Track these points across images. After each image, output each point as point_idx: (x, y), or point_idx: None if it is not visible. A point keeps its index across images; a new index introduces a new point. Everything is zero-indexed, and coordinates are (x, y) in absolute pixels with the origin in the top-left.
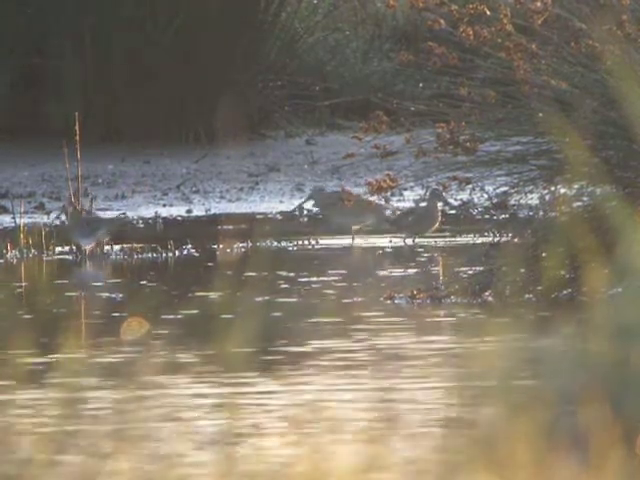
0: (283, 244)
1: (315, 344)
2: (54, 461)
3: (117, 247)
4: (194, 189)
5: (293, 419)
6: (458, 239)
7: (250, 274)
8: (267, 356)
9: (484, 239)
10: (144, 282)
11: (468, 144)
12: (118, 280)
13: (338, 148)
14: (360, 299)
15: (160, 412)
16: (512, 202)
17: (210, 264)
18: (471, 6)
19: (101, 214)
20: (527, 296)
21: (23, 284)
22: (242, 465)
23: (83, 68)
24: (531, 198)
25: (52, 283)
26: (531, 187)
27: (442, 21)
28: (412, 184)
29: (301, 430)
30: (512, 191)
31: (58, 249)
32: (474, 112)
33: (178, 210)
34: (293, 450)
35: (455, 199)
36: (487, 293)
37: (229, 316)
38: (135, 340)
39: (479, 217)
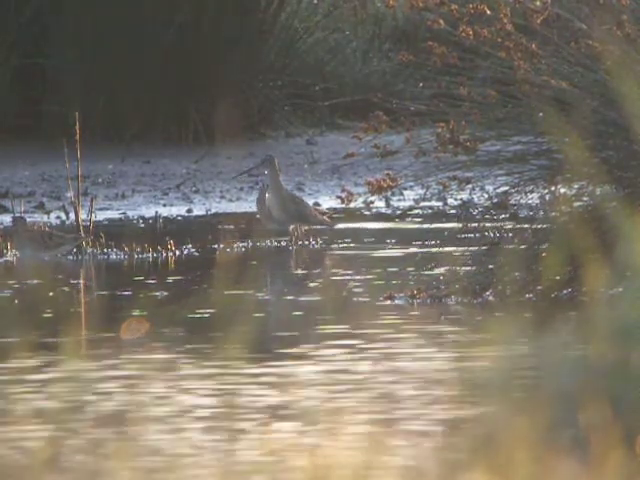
0: (283, 243)
1: (316, 340)
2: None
3: (117, 247)
4: (194, 189)
5: (293, 412)
6: (458, 239)
7: (258, 272)
8: (271, 348)
9: (484, 239)
10: (142, 281)
11: (468, 144)
12: (122, 280)
13: (338, 148)
14: (360, 299)
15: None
16: (512, 202)
17: (214, 263)
18: (471, 6)
19: (101, 214)
20: (527, 296)
21: (27, 283)
22: (244, 454)
23: (83, 68)
24: (531, 198)
25: (56, 282)
26: (531, 187)
27: (442, 21)
28: (412, 184)
29: (300, 424)
30: (512, 191)
31: None
32: (474, 112)
33: (178, 210)
34: (291, 443)
35: (455, 199)
36: (487, 293)
37: (245, 311)
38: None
39: (479, 217)
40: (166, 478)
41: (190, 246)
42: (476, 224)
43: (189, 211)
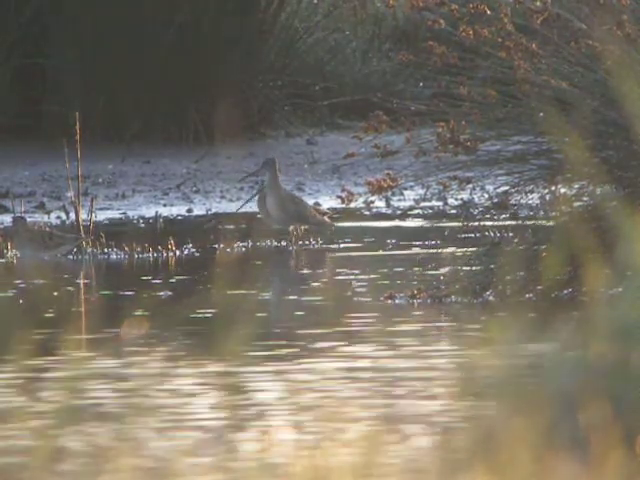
0: (283, 243)
1: (317, 340)
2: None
3: (117, 247)
4: (194, 189)
5: (292, 412)
6: (459, 238)
7: (261, 273)
8: (274, 347)
9: (484, 239)
10: (143, 281)
11: (468, 143)
12: (123, 280)
13: (338, 148)
14: (361, 299)
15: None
16: (512, 202)
17: (215, 263)
18: (471, 5)
19: (101, 214)
20: (527, 296)
21: (25, 283)
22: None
23: (83, 68)
24: (531, 198)
25: (59, 282)
26: (531, 187)
27: (442, 21)
28: (412, 184)
29: (299, 424)
30: (512, 191)
31: None
32: (474, 111)
33: (179, 210)
34: (292, 442)
35: (455, 199)
36: (487, 293)
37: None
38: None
39: (479, 217)
40: (168, 477)
41: (190, 246)
42: (476, 224)
43: (189, 211)
